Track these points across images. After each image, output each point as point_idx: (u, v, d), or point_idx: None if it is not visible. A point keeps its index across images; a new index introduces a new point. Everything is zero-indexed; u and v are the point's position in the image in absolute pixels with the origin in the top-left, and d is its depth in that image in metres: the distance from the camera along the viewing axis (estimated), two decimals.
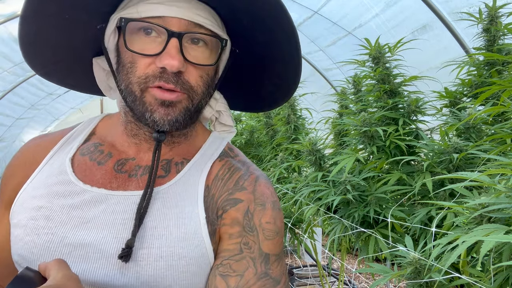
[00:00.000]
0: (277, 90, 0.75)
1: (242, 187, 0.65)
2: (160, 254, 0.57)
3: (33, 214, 0.61)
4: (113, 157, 0.68)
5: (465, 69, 1.51)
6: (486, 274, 0.89)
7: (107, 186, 0.64)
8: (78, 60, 0.72)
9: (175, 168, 0.66)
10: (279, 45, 0.66)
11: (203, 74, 0.63)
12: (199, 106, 0.65)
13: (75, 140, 0.72)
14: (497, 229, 0.72)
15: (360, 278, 4.06)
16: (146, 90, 0.60)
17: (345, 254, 2.08)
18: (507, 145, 1.03)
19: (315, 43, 4.28)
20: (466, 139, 1.26)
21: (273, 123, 2.54)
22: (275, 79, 0.73)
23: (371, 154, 1.48)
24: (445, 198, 1.15)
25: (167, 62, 0.57)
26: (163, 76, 0.58)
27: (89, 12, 0.63)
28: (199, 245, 0.59)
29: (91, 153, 0.69)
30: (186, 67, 0.60)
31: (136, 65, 0.60)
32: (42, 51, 0.67)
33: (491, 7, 1.43)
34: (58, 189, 0.63)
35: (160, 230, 0.59)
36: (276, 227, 0.64)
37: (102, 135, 0.72)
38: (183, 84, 0.60)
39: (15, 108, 5.54)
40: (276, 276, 0.61)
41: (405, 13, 3.09)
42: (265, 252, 0.62)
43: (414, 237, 1.21)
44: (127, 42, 0.60)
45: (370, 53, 1.50)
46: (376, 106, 1.52)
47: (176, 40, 0.58)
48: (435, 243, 0.86)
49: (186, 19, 0.59)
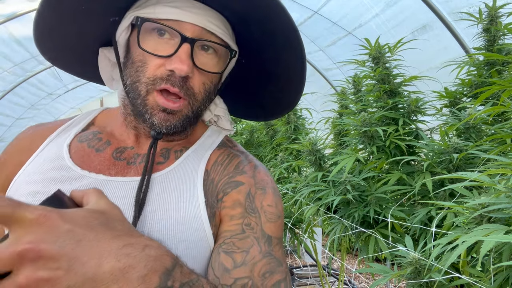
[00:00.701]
0: (277, 103, 0.76)
1: (242, 171, 0.66)
2: (159, 237, 0.58)
3: (29, 200, 0.60)
4: (112, 145, 0.68)
5: (465, 69, 1.51)
6: (486, 274, 0.89)
7: (105, 172, 0.64)
8: (86, 48, 0.72)
9: (174, 155, 0.67)
10: (286, 62, 0.67)
11: (206, 81, 0.64)
12: (198, 112, 0.66)
13: (73, 128, 0.72)
14: (497, 229, 0.72)
15: (360, 278, 4.06)
16: (152, 93, 0.61)
17: (345, 254, 2.08)
18: (507, 145, 1.03)
19: (315, 43, 4.28)
20: (466, 139, 1.26)
21: (273, 123, 2.54)
22: (277, 93, 0.74)
23: (371, 154, 1.48)
24: (445, 198, 1.15)
25: (176, 65, 0.58)
26: (170, 80, 0.60)
27: (106, 5, 0.64)
28: (199, 229, 0.60)
29: (89, 140, 0.69)
30: (193, 73, 0.61)
31: (147, 65, 0.61)
32: (53, 37, 0.68)
33: (491, 7, 1.43)
34: (55, 174, 0.63)
35: (159, 214, 0.59)
36: (278, 211, 0.65)
37: (101, 125, 0.73)
38: (187, 90, 0.61)
39: (15, 108, 5.54)
40: (279, 258, 0.61)
41: (405, 13, 3.09)
42: (267, 234, 0.62)
43: (414, 237, 1.21)
44: (140, 41, 0.61)
45: (370, 53, 1.50)
46: (376, 106, 1.51)
47: (188, 46, 0.59)
48: (435, 243, 0.86)
49: (199, 26, 0.60)
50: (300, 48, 0.63)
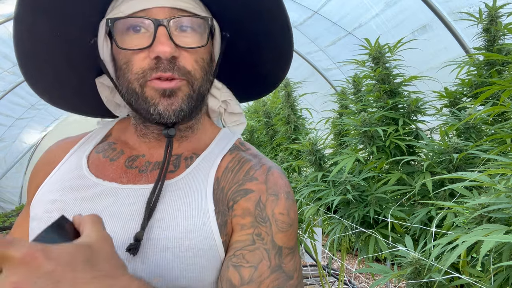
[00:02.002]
0: (271, 73, 0.76)
1: (253, 178, 0.64)
2: (166, 245, 0.57)
3: (48, 207, 0.64)
4: (125, 154, 0.70)
5: (465, 69, 1.51)
6: (486, 274, 0.89)
7: (117, 180, 0.65)
8: (83, 83, 0.73)
9: (184, 163, 0.67)
10: (271, 30, 0.67)
11: (197, 58, 0.63)
12: (200, 92, 0.65)
13: (93, 140, 0.75)
14: (497, 229, 0.72)
15: (360, 278, 4.06)
16: (145, 85, 0.61)
17: (345, 254, 2.07)
18: (507, 145, 1.03)
19: (315, 43, 4.28)
20: (466, 139, 1.26)
21: (273, 123, 2.54)
22: (270, 63, 0.74)
23: (371, 154, 1.48)
24: (445, 198, 1.15)
25: (159, 49, 0.58)
26: (159, 66, 0.59)
27: (80, 25, 0.65)
28: (208, 237, 0.59)
29: (105, 150, 0.71)
30: (179, 53, 0.61)
31: (132, 62, 0.61)
32: (43, 75, 0.69)
33: (491, 7, 1.43)
34: (72, 183, 0.66)
35: (167, 221, 0.59)
36: (290, 219, 0.63)
37: (117, 135, 0.75)
38: (179, 70, 0.61)
39: (15, 108, 5.54)
40: (289, 271, 0.60)
41: (405, 13, 3.09)
42: (278, 245, 0.60)
43: (414, 237, 1.21)
44: (118, 43, 0.61)
45: (370, 53, 1.50)
46: (376, 106, 1.51)
47: (163, 28, 0.59)
48: (435, 243, 0.86)
49: (168, 7, 0.61)
50: (278, 6, 0.63)
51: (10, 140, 6.05)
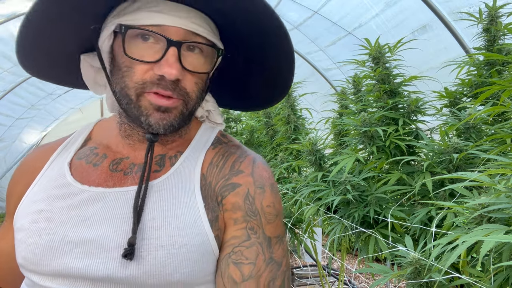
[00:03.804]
0: (267, 92, 0.76)
1: (239, 171, 0.67)
2: (160, 243, 0.58)
3: (35, 217, 0.63)
4: (108, 158, 0.69)
5: (465, 69, 1.51)
6: (486, 274, 0.89)
7: (103, 185, 0.65)
8: (68, 56, 0.72)
9: (169, 162, 0.68)
10: (275, 52, 0.67)
11: (198, 81, 0.64)
12: (193, 110, 0.66)
13: (72, 146, 0.74)
14: (497, 229, 0.72)
15: (360, 278, 4.06)
16: (142, 95, 0.61)
17: (345, 254, 2.07)
18: (507, 145, 1.03)
19: (315, 43, 4.28)
20: (466, 139, 1.26)
21: (273, 123, 2.55)
22: (267, 82, 0.74)
23: (371, 154, 1.48)
24: (445, 198, 1.15)
25: (166, 70, 0.58)
26: (161, 84, 0.60)
27: (84, 13, 0.64)
28: (200, 233, 0.61)
29: (86, 156, 0.71)
30: (183, 76, 0.61)
31: (133, 70, 0.61)
32: (34, 47, 0.68)
33: (491, 7, 1.43)
34: (57, 192, 0.65)
35: (158, 221, 0.60)
36: (276, 210, 0.66)
37: (97, 139, 0.75)
38: (180, 91, 0.61)
39: (15, 108, 5.54)
40: (278, 259, 0.63)
41: (405, 13, 3.09)
42: (268, 236, 0.63)
43: (414, 237, 1.21)
44: (126, 49, 0.61)
45: (370, 53, 1.50)
46: (376, 106, 1.51)
47: (175, 49, 0.59)
48: (435, 243, 0.86)
49: (184, 28, 0.60)
50: (283, 33, 0.62)
51: (10, 140, 6.05)
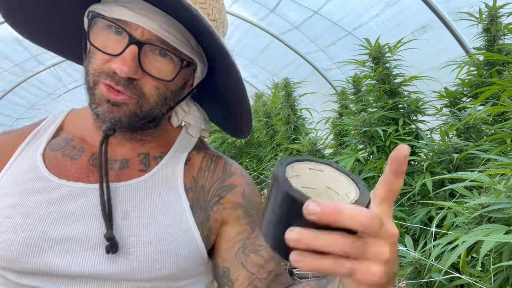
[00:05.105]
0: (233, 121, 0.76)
1: (232, 173, 0.70)
2: (149, 240, 0.59)
3: (8, 212, 0.60)
4: (86, 152, 0.68)
5: (465, 69, 1.51)
6: (486, 274, 0.89)
7: (84, 180, 0.64)
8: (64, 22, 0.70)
9: (154, 162, 0.69)
10: (229, 90, 0.67)
11: (160, 86, 0.62)
12: (151, 114, 0.64)
13: (42, 136, 0.71)
14: (497, 229, 0.72)
15: None
16: (98, 84, 0.61)
17: None
18: (507, 145, 1.03)
19: (315, 43, 4.28)
20: (466, 139, 1.26)
21: (273, 123, 2.54)
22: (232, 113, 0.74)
23: (371, 154, 1.48)
24: (445, 198, 1.15)
25: (117, 66, 0.57)
26: (115, 78, 0.59)
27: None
28: (187, 230, 0.63)
29: (62, 148, 0.68)
30: (142, 76, 0.60)
31: (94, 58, 0.61)
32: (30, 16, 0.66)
33: (491, 7, 1.43)
34: (32, 185, 0.62)
35: (146, 219, 0.61)
36: (260, 202, 0.72)
37: (71, 130, 0.72)
38: (133, 89, 0.60)
39: (15, 108, 5.54)
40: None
41: (405, 13, 3.09)
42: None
43: (414, 237, 1.21)
44: (91, 35, 0.60)
45: (370, 53, 1.50)
46: (376, 106, 1.51)
47: (135, 47, 0.58)
48: (435, 243, 0.86)
49: (150, 30, 0.59)
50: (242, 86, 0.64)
51: None
